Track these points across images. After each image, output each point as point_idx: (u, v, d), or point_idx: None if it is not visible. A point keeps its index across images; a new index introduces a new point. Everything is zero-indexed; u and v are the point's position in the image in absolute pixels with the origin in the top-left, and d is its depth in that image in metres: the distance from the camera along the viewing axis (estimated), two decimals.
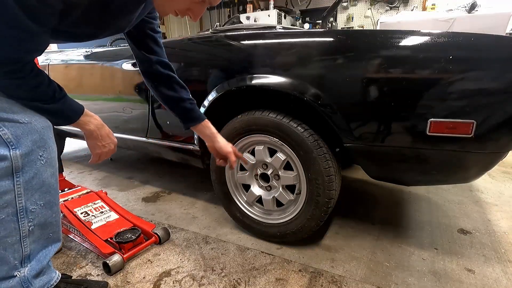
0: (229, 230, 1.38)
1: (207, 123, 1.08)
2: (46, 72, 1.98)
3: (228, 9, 5.95)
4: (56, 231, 0.86)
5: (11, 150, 0.70)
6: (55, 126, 0.81)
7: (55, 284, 0.88)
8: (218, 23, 2.12)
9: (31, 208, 0.76)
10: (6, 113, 0.70)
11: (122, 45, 1.77)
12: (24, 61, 0.68)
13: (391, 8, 4.73)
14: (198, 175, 2.10)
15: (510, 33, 2.71)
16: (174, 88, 1.04)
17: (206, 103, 1.25)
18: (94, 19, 0.73)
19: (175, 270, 1.11)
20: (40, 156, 0.75)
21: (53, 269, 0.89)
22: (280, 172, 1.18)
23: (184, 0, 0.74)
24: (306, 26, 4.95)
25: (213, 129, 1.08)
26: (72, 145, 3.01)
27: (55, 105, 0.76)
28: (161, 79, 1.03)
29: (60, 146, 2.44)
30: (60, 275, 0.91)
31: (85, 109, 0.83)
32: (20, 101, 0.72)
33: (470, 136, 0.86)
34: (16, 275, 0.78)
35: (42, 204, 0.79)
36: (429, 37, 0.87)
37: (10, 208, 0.73)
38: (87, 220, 1.27)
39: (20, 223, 0.75)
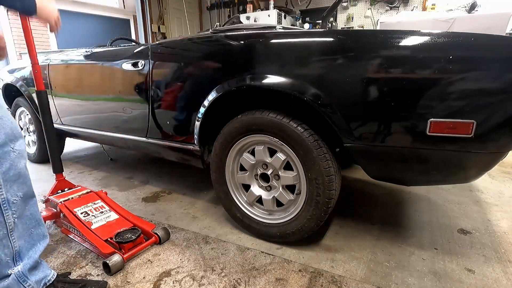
0: (229, 230, 1.38)
1: None
2: (46, 72, 1.99)
3: (228, 9, 5.96)
4: (36, 225, 0.88)
5: None
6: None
7: (52, 280, 0.89)
8: (218, 23, 2.12)
9: (13, 199, 0.79)
10: None
11: (122, 45, 1.77)
12: None
13: (391, 8, 4.74)
14: (198, 175, 2.10)
15: (510, 33, 2.72)
16: None
17: (206, 103, 1.25)
18: None
19: (175, 270, 1.11)
20: (12, 148, 0.80)
21: (47, 267, 0.91)
22: (280, 172, 1.18)
23: None
24: (306, 26, 4.95)
25: None
26: (72, 145, 3.02)
27: None
28: None
29: (60, 146, 2.44)
30: (55, 273, 0.92)
31: None
32: None
33: (470, 136, 0.86)
34: (11, 273, 0.79)
35: (21, 196, 0.82)
36: (429, 37, 0.87)
37: None
38: (87, 220, 1.27)
39: (5, 215, 0.78)
